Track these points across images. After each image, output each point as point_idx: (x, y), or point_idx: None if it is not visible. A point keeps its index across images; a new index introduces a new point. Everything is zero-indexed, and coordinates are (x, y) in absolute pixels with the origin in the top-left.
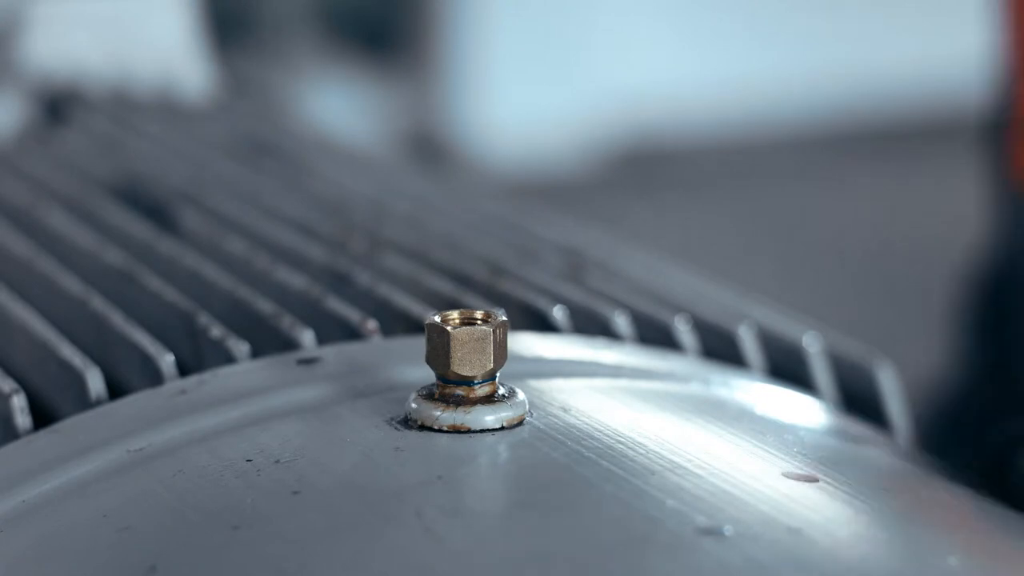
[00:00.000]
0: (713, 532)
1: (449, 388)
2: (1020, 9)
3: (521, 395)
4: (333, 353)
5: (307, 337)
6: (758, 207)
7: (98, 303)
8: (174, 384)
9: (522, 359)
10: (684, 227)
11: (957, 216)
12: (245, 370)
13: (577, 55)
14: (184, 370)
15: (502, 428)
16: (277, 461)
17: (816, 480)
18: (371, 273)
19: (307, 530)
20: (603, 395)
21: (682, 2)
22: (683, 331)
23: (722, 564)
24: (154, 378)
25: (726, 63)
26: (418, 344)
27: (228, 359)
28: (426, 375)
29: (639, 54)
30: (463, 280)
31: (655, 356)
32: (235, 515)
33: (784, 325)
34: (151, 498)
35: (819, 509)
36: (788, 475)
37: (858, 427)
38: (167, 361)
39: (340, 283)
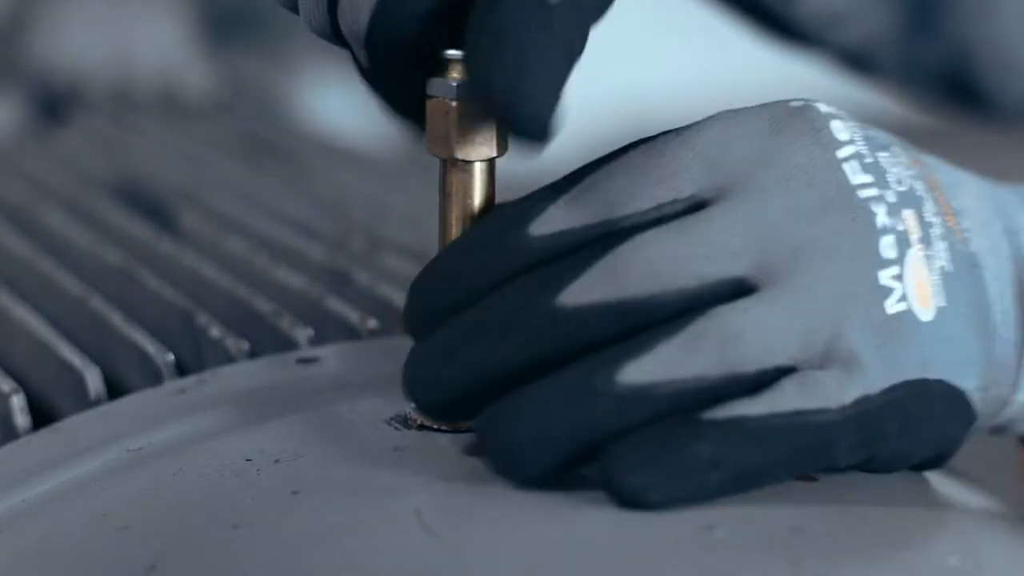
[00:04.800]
0: (713, 531)
1: None
2: None
3: None
4: (333, 352)
5: (306, 336)
6: None
7: (98, 303)
8: (173, 383)
9: None
10: None
11: None
12: (245, 369)
13: None
14: (184, 369)
15: None
16: (277, 460)
17: (816, 479)
18: (371, 273)
19: (307, 530)
20: None
21: (685, 1)
22: None
23: (722, 563)
24: (154, 377)
25: (728, 63)
26: None
27: (228, 358)
28: None
29: (640, 53)
30: None
31: None
32: (235, 514)
33: None
34: (151, 497)
35: (820, 508)
36: None
37: None
38: (166, 360)
39: (340, 282)
